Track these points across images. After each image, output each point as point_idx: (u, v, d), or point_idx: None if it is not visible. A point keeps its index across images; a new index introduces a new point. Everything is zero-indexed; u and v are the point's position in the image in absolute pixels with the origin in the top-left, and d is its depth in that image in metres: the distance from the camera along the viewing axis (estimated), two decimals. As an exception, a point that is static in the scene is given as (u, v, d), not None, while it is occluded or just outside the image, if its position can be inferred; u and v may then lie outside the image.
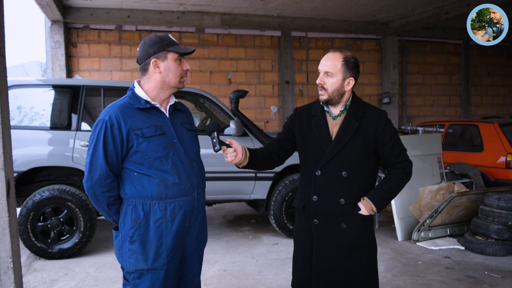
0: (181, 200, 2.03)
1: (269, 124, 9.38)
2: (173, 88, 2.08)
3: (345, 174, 2.17)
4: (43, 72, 15.37)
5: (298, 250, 2.36)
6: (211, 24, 8.45)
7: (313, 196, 2.22)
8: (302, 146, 2.31)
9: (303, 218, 2.30)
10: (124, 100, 2.04)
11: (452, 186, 5.46)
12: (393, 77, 9.92)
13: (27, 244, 4.52)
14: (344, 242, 2.20)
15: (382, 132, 2.19)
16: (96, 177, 1.96)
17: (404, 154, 2.25)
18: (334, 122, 2.24)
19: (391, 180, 2.23)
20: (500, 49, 11.30)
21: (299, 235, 2.34)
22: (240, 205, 7.35)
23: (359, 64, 2.26)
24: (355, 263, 2.22)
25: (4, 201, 2.49)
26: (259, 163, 2.28)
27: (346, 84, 2.20)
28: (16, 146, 4.21)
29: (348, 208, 2.18)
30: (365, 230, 2.24)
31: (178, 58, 2.06)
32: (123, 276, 2.05)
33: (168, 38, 2.05)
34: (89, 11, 7.80)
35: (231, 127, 4.98)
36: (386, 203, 2.23)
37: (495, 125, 6.40)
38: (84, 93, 4.81)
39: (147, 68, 2.04)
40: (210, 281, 4.04)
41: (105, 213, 2.06)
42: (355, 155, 2.17)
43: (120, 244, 2.02)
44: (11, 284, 2.56)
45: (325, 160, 2.18)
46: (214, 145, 2.04)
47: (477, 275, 4.12)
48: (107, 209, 2.02)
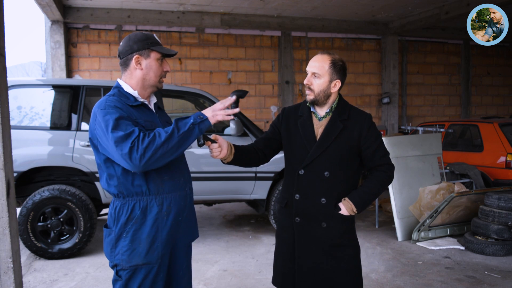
0: (176, 195, 2.06)
1: (269, 124, 9.38)
2: (152, 87, 2.12)
3: (328, 174, 2.20)
4: (43, 72, 15.38)
5: (280, 247, 2.39)
6: (211, 24, 8.45)
7: (296, 195, 2.26)
8: (287, 145, 2.35)
9: (285, 216, 2.34)
10: (112, 98, 2.01)
11: (452, 186, 5.46)
12: (393, 77, 9.92)
13: (27, 244, 4.52)
14: (325, 240, 2.23)
15: (366, 135, 2.23)
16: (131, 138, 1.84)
17: (387, 158, 2.29)
18: (320, 123, 2.29)
19: (373, 182, 2.26)
20: (500, 49, 11.30)
21: (281, 232, 2.38)
22: (240, 205, 7.35)
23: (346, 67, 2.31)
24: (337, 262, 2.24)
25: (4, 201, 2.49)
26: (244, 159, 2.31)
27: (333, 86, 2.24)
28: (16, 146, 4.21)
29: (329, 207, 2.22)
30: (345, 230, 2.26)
31: (160, 58, 2.09)
32: (115, 273, 2.05)
33: (153, 38, 2.10)
34: (89, 11, 7.80)
35: (231, 127, 4.98)
36: (366, 204, 2.25)
37: (495, 125, 6.40)
38: (84, 93, 4.82)
39: (129, 64, 2.07)
40: (210, 281, 4.04)
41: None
42: (338, 156, 2.21)
43: (113, 242, 2.01)
44: (11, 284, 2.56)
45: (308, 160, 2.22)
46: (198, 140, 2.07)
47: (477, 275, 4.12)
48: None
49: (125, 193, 1.99)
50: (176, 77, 8.76)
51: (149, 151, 1.83)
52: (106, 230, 2.06)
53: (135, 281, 2.00)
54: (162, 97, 5.09)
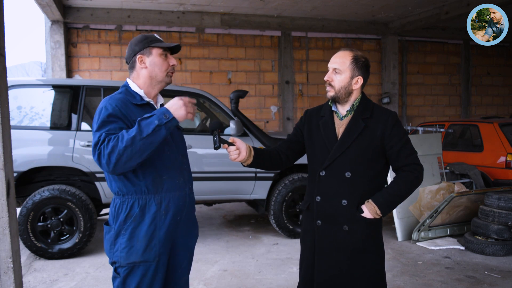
0: (175, 195, 2.08)
1: (269, 124, 9.38)
2: (161, 82, 2.14)
3: (349, 175, 2.12)
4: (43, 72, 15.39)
5: (304, 252, 2.32)
6: (211, 24, 8.45)
7: (317, 197, 2.19)
8: (309, 146, 2.29)
9: (307, 219, 2.27)
10: (120, 95, 2.06)
11: (452, 186, 5.46)
12: (393, 77, 9.92)
13: (27, 244, 4.52)
14: (347, 245, 2.14)
15: (390, 134, 2.13)
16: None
17: (414, 157, 2.17)
18: (341, 122, 2.21)
19: (398, 183, 2.15)
20: (500, 49, 11.30)
21: (304, 236, 2.31)
22: (240, 205, 7.35)
23: (370, 65, 2.23)
24: (358, 267, 2.15)
25: (4, 201, 2.49)
26: (266, 162, 2.26)
27: (354, 82, 2.17)
28: (16, 146, 4.21)
29: (350, 210, 2.13)
30: (369, 234, 2.16)
31: (163, 53, 2.12)
32: (114, 270, 2.07)
33: (153, 36, 2.13)
34: (89, 11, 7.80)
35: (231, 127, 4.98)
36: (392, 207, 2.15)
37: (495, 125, 6.39)
38: (84, 93, 4.81)
39: (134, 65, 2.11)
40: (210, 281, 4.04)
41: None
42: (360, 156, 2.13)
43: (112, 239, 2.04)
44: (11, 284, 2.56)
45: (329, 161, 2.15)
46: (215, 143, 2.07)
47: (477, 275, 4.12)
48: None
49: (125, 191, 2.02)
50: (176, 77, 8.75)
51: (113, 157, 1.83)
52: (106, 227, 2.09)
53: (133, 279, 2.02)
54: (162, 98, 5.08)
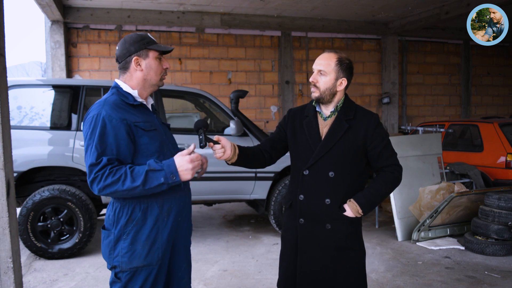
0: (176, 196, 2.05)
1: (269, 124, 9.38)
2: (154, 86, 2.11)
3: (332, 174, 2.17)
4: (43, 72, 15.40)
5: (284, 249, 2.36)
6: (211, 24, 8.45)
7: (300, 195, 2.23)
8: (293, 145, 2.33)
9: (290, 217, 2.31)
10: (112, 97, 2.01)
11: (452, 186, 5.45)
12: (393, 77, 9.92)
13: (27, 244, 4.52)
14: (329, 243, 2.19)
15: (372, 135, 2.19)
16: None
17: (394, 158, 2.24)
18: (325, 122, 2.26)
19: (379, 183, 2.21)
20: (500, 49, 11.30)
21: (286, 234, 2.35)
22: (240, 205, 7.35)
23: (353, 67, 2.28)
24: (341, 265, 2.19)
25: (4, 201, 2.49)
26: (250, 161, 2.30)
27: (339, 84, 2.22)
28: (16, 146, 4.21)
29: (333, 209, 2.17)
30: (351, 232, 2.21)
31: (159, 56, 2.09)
32: (113, 275, 2.03)
33: (149, 37, 2.08)
34: (89, 11, 7.80)
35: (231, 127, 4.98)
36: (373, 206, 2.20)
37: (495, 125, 6.39)
38: (84, 93, 4.82)
39: (128, 66, 2.05)
40: (210, 281, 4.04)
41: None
42: (343, 156, 2.17)
43: (112, 244, 1.99)
44: (11, 284, 2.56)
45: (313, 160, 2.19)
46: (200, 141, 2.08)
47: (477, 275, 4.12)
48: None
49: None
50: (176, 77, 8.76)
51: (107, 190, 1.87)
52: (104, 232, 2.02)
53: (135, 283, 1.99)
54: (162, 97, 5.09)
